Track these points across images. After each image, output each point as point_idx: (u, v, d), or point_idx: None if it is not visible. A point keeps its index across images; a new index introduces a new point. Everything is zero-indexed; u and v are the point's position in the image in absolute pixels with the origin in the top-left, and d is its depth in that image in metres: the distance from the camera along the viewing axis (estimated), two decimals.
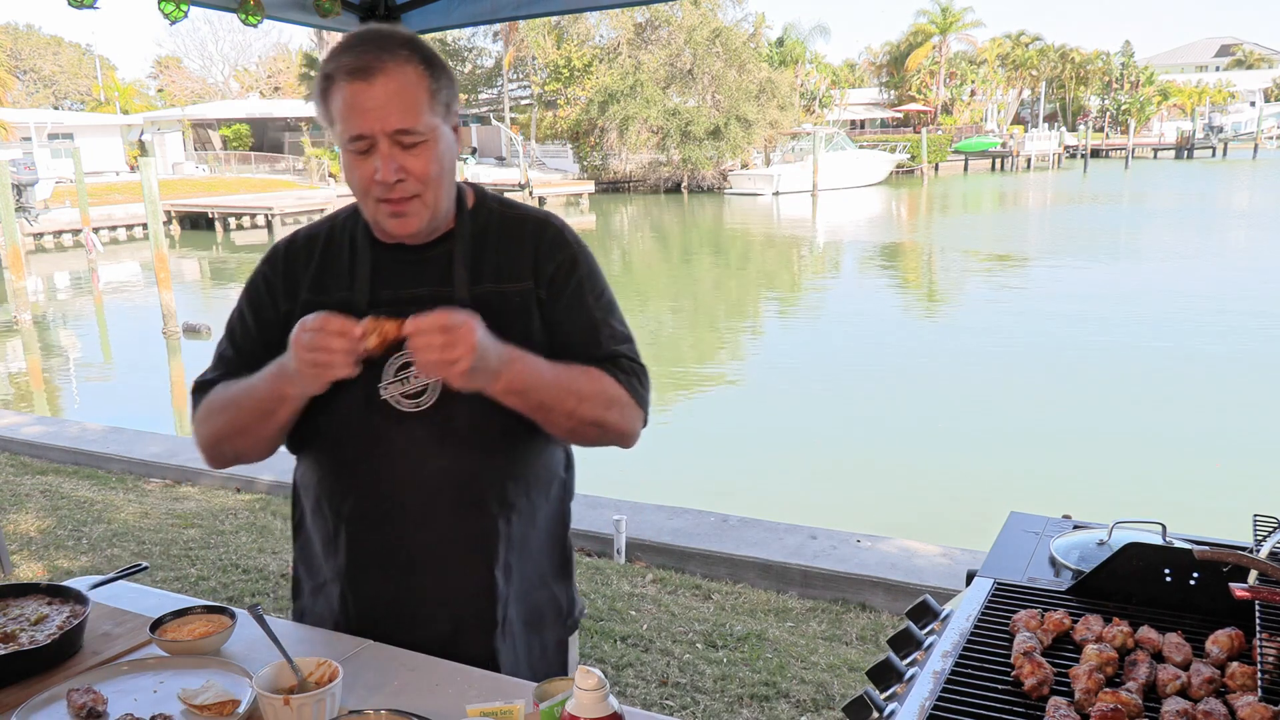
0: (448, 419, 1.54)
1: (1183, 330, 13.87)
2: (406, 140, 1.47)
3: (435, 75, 1.50)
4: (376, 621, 1.62)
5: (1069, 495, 7.21)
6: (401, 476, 1.56)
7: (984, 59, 64.01)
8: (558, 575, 1.75)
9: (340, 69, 1.46)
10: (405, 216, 1.53)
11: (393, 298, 1.57)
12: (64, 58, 65.88)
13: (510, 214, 1.67)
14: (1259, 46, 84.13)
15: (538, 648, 1.71)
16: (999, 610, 1.62)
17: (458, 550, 1.58)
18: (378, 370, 1.55)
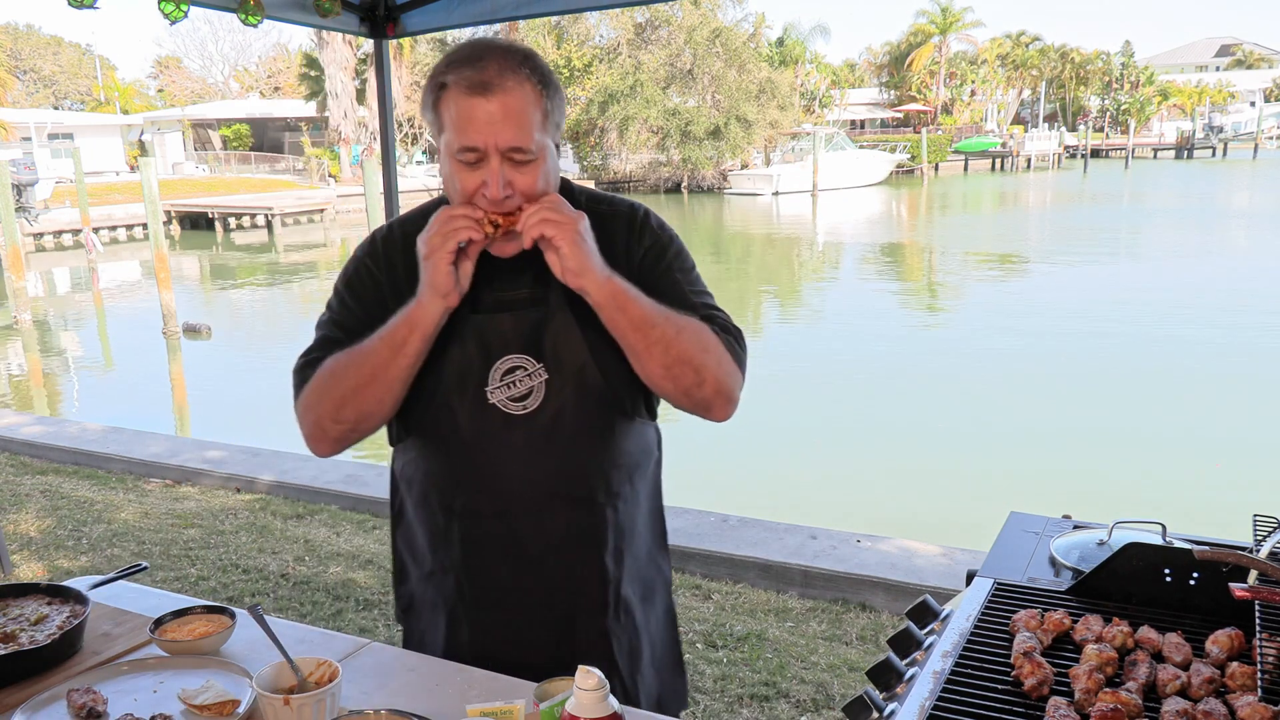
0: (553, 420, 1.57)
1: (1183, 330, 13.87)
2: (517, 158, 1.47)
3: (550, 94, 1.51)
4: (494, 606, 1.65)
5: (1069, 495, 7.20)
6: (511, 476, 1.58)
7: (984, 59, 64.01)
8: (660, 547, 1.80)
9: (461, 81, 1.46)
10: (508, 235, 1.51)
11: (493, 302, 1.58)
12: (64, 58, 65.89)
13: (601, 209, 1.66)
14: (1259, 46, 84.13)
15: (652, 618, 1.77)
16: (999, 610, 1.62)
17: (569, 543, 1.62)
18: (484, 374, 1.57)
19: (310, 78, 41.76)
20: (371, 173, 15.08)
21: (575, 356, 1.57)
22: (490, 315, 1.57)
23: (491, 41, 1.52)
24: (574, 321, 1.56)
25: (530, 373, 1.57)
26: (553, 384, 1.56)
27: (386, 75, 3.18)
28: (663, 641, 1.81)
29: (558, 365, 1.57)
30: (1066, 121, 68.21)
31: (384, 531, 5.44)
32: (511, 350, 1.56)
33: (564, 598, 1.64)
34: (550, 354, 1.57)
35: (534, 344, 1.57)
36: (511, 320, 1.57)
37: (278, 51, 69.13)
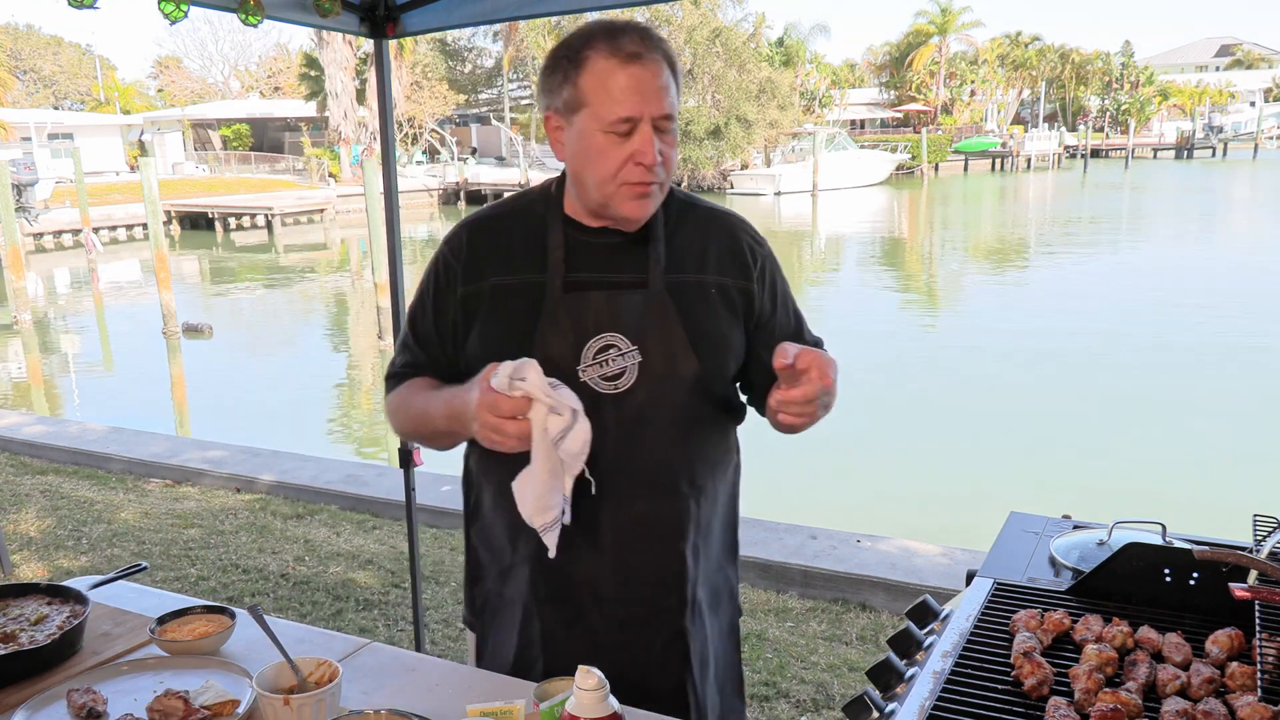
0: (645, 402, 1.55)
1: (1182, 330, 13.87)
2: (665, 126, 1.50)
3: (677, 74, 1.54)
4: (571, 600, 1.61)
5: (1069, 495, 7.20)
6: (597, 458, 1.51)
7: (984, 59, 63.98)
8: (730, 558, 1.77)
9: (610, 50, 1.48)
10: (646, 199, 1.54)
11: (588, 282, 1.58)
12: (64, 58, 65.86)
13: (701, 206, 1.70)
14: (1259, 46, 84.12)
15: (717, 629, 1.72)
16: (999, 610, 1.62)
17: (651, 532, 1.59)
18: (577, 352, 1.55)
19: (310, 78, 41.76)
20: (371, 173, 15.07)
21: (671, 342, 1.56)
22: (583, 294, 1.57)
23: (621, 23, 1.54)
24: (673, 307, 1.57)
25: (624, 353, 1.55)
26: (646, 366, 1.55)
27: (386, 75, 3.17)
28: (725, 659, 1.76)
29: (653, 348, 1.55)
30: (1066, 121, 68.18)
31: (384, 531, 5.44)
32: (605, 329, 1.55)
33: (642, 591, 1.61)
34: (646, 336, 1.56)
35: (630, 325, 1.56)
36: (607, 300, 1.56)
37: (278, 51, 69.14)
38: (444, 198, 39.70)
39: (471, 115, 50.75)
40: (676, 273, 1.60)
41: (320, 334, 17.55)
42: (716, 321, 1.60)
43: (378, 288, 13.55)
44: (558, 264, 1.58)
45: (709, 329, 1.58)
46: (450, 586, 4.64)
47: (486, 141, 49.38)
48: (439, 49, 45.00)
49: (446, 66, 45.52)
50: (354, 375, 13.91)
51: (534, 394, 1.36)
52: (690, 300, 1.58)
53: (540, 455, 1.38)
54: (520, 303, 1.59)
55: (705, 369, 1.58)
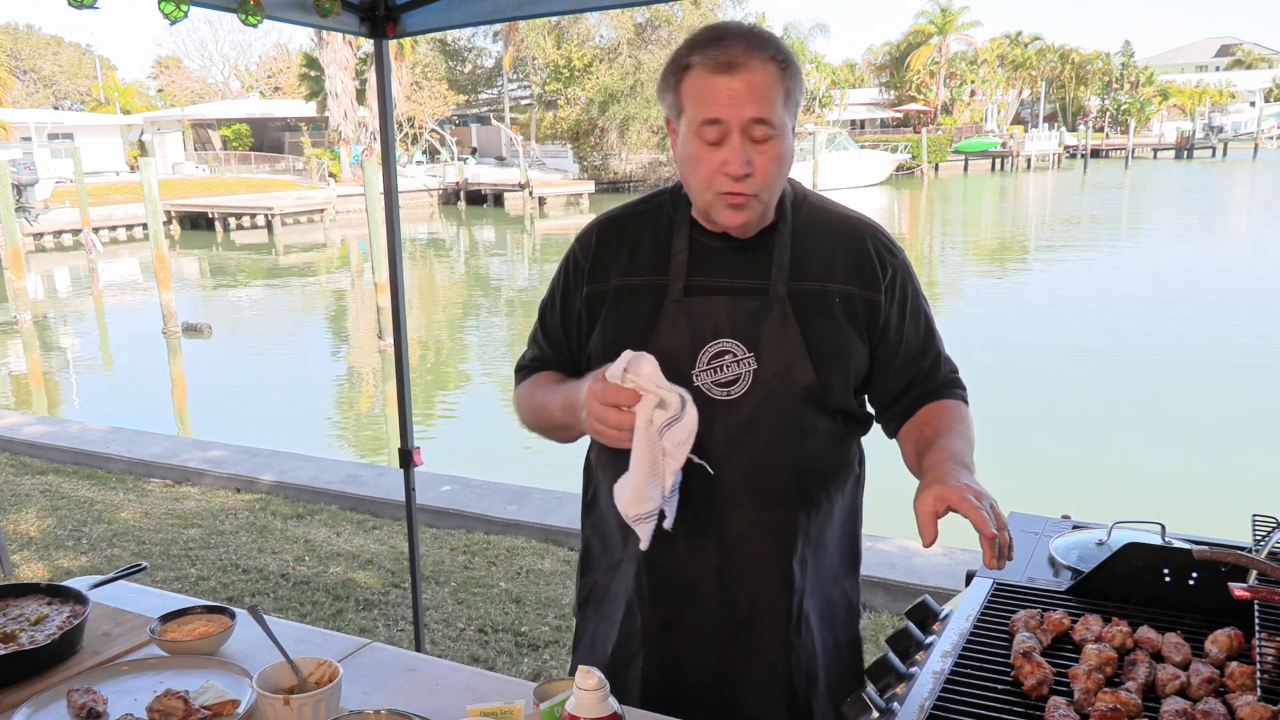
0: (756, 409, 1.55)
1: (1182, 329, 13.87)
2: (758, 133, 1.47)
3: (791, 75, 1.50)
4: (674, 599, 1.61)
5: (1068, 495, 7.20)
6: (717, 459, 1.52)
7: (983, 59, 63.98)
8: (849, 571, 1.74)
9: (706, 60, 1.47)
10: (741, 209, 1.52)
11: (709, 286, 1.58)
12: (64, 58, 65.87)
13: (833, 212, 1.67)
14: (1259, 46, 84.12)
15: (831, 644, 1.70)
16: (998, 610, 1.62)
17: (758, 539, 1.58)
18: (693, 356, 1.55)
19: (310, 78, 41.75)
20: (371, 173, 15.06)
21: (788, 350, 1.54)
22: (704, 299, 1.57)
23: (734, 24, 1.53)
24: (792, 316, 1.55)
25: (739, 359, 1.55)
26: (760, 374, 1.54)
27: (386, 75, 3.17)
28: (843, 673, 1.71)
29: (769, 356, 1.54)
30: (1066, 121, 68.18)
31: (384, 531, 5.44)
32: (723, 334, 1.55)
33: (746, 598, 1.59)
34: (762, 344, 1.55)
35: (747, 331, 1.55)
36: (726, 305, 1.56)
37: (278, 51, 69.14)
38: (444, 198, 39.69)
39: (471, 115, 50.74)
40: (799, 280, 1.58)
41: (320, 334, 17.55)
42: (836, 332, 1.58)
43: (378, 288, 13.54)
44: (680, 266, 1.59)
45: (828, 339, 1.56)
46: (450, 586, 4.64)
47: (486, 141, 49.37)
48: (439, 49, 45.01)
49: (446, 66, 45.53)
50: (354, 375, 13.92)
51: (643, 386, 1.35)
52: (811, 309, 1.56)
53: (641, 447, 1.37)
54: (642, 303, 1.60)
55: (821, 379, 1.56)
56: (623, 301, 1.62)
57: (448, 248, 30.24)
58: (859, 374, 1.63)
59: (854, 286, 1.60)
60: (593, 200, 38.58)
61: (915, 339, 1.66)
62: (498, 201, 38.41)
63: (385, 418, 10.85)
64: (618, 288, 1.62)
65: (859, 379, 1.63)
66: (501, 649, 4.01)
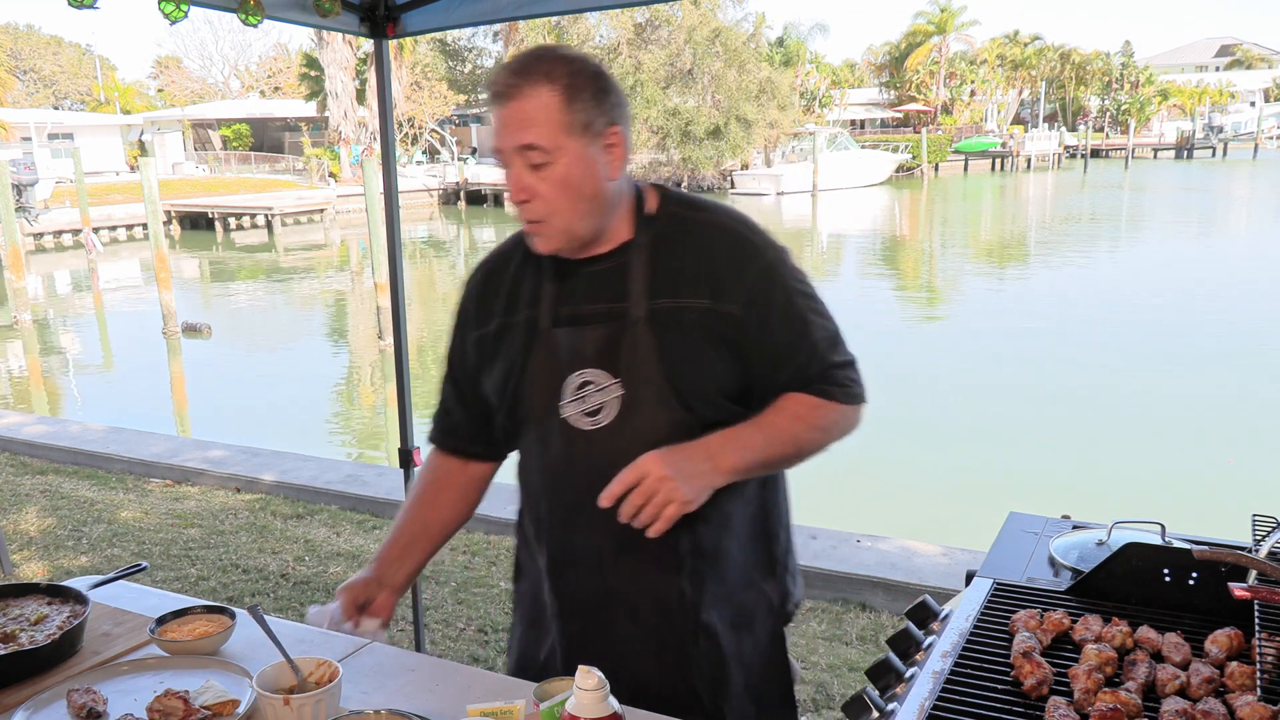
0: (627, 436, 1.54)
1: (1182, 329, 13.87)
2: (533, 159, 1.48)
3: (574, 92, 1.48)
4: (581, 615, 1.65)
5: (1068, 495, 7.20)
6: (585, 490, 1.55)
7: (983, 59, 63.98)
8: (764, 573, 1.72)
9: (488, 91, 1.52)
10: (538, 236, 1.55)
11: (573, 315, 1.59)
12: (64, 58, 65.86)
13: (694, 219, 1.62)
14: (1259, 46, 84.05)
15: (750, 646, 1.70)
16: (998, 610, 1.62)
17: (644, 560, 1.59)
18: (556, 389, 1.58)
19: (310, 78, 41.75)
20: (371, 173, 15.06)
21: (651, 371, 1.54)
22: (568, 329, 1.58)
23: (524, 53, 1.53)
24: (652, 336, 1.54)
25: (603, 387, 1.55)
26: (627, 399, 1.54)
27: (386, 75, 3.17)
28: (765, 670, 1.72)
29: (632, 380, 1.54)
30: (1066, 121, 68.16)
31: (384, 531, 5.43)
32: (586, 364, 1.56)
33: (641, 618, 1.62)
34: (625, 368, 1.55)
35: (608, 358, 1.55)
36: (589, 334, 1.57)
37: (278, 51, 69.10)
38: (444, 198, 39.70)
39: (471, 115, 50.70)
40: (658, 297, 1.55)
41: (320, 334, 17.55)
42: (696, 350, 1.55)
43: (377, 288, 13.54)
44: (550, 298, 1.61)
45: (687, 359, 1.54)
46: (450, 586, 4.64)
47: (487, 141, 49.36)
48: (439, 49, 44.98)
49: (446, 66, 45.49)
50: (354, 375, 13.92)
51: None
52: (670, 329, 1.54)
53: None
54: (517, 341, 1.62)
55: (684, 400, 1.54)
56: (504, 342, 1.65)
57: (448, 248, 30.25)
58: (729, 386, 1.58)
59: (710, 301, 1.55)
60: None
61: (788, 339, 1.59)
62: (498, 201, 38.39)
63: (385, 418, 10.85)
64: (499, 328, 1.66)
65: (732, 390, 1.59)
66: (501, 649, 4.01)
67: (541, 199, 1.50)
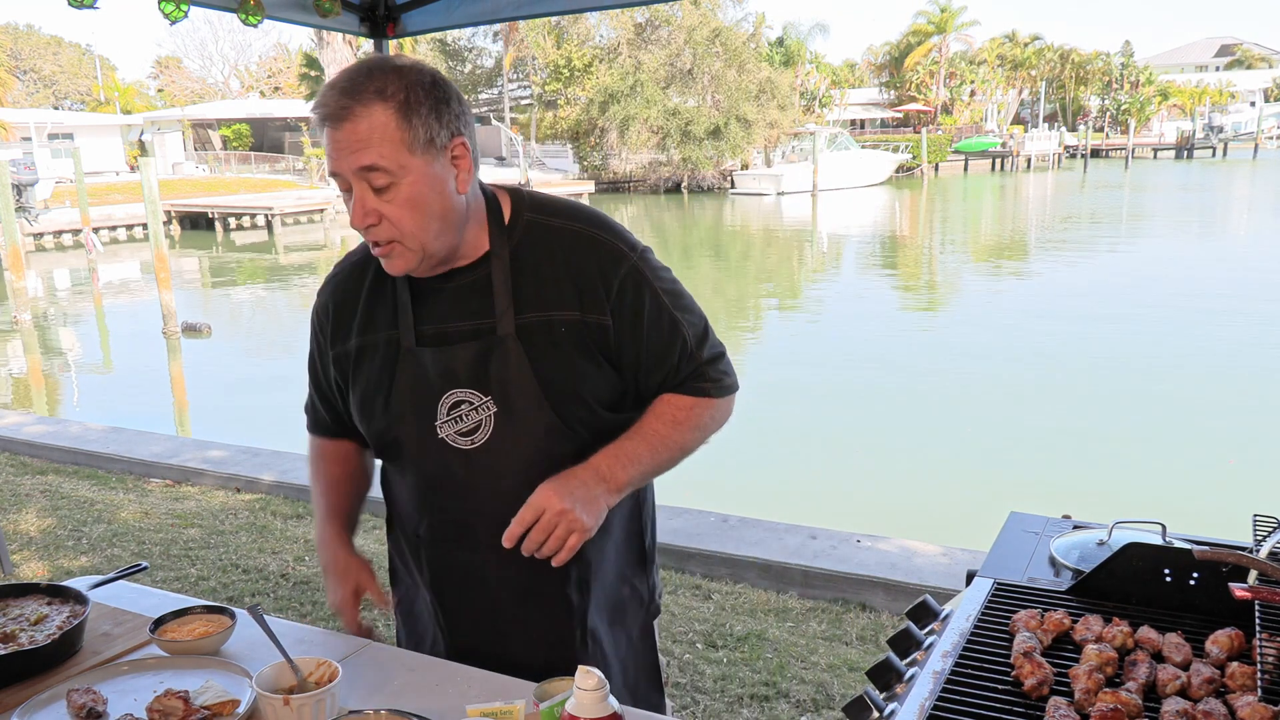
0: (502, 454, 1.54)
1: (1183, 330, 13.87)
2: (375, 181, 1.42)
3: (409, 109, 1.41)
4: (467, 631, 1.66)
5: (1069, 495, 7.20)
6: (468, 506, 1.57)
7: (983, 59, 63.99)
8: (636, 568, 1.75)
9: (318, 113, 1.43)
10: (391, 259, 1.49)
11: (437, 334, 1.55)
12: (64, 58, 65.89)
13: (554, 226, 1.57)
14: (1259, 46, 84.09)
15: (624, 640, 1.72)
16: (999, 610, 1.62)
17: (530, 574, 1.57)
18: (431, 409, 1.55)
19: (310, 78, 41.81)
20: None
21: (523, 388, 1.51)
22: (436, 349, 1.54)
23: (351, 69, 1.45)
24: (523, 352, 1.51)
25: (477, 406, 1.53)
26: (501, 417, 1.52)
27: None
28: (635, 661, 1.76)
29: (505, 398, 1.52)
30: (1066, 121, 68.17)
31: (384, 532, 5.43)
32: (458, 384, 1.53)
33: (529, 633, 1.63)
34: (497, 387, 1.52)
35: (480, 377, 1.52)
36: (457, 352, 1.53)
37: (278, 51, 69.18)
38: None
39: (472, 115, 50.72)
40: (525, 312, 1.53)
41: None
42: (568, 363, 1.53)
43: None
44: (407, 316, 1.56)
45: (560, 373, 1.52)
46: None
47: (486, 141, 49.33)
48: (439, 49, 45.01)
49: (446, 66, 45.51)
50: None
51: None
52: (540, 343, 1.51)
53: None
54: (379, 361, 1.58)
55: (560, 415, 1.52)
56: (363, 360, 1.61)
57: None
58: (605, 396, 1.57)
59: (578, 312, 1.53)
60: (592, 200, 38.55)
61: (659, 341, 1.58)
62: None
63: None
64: (359, 347, 1.61)
65: (606, 399, 1.57)
66: None
67: (389, 221, 1.44)
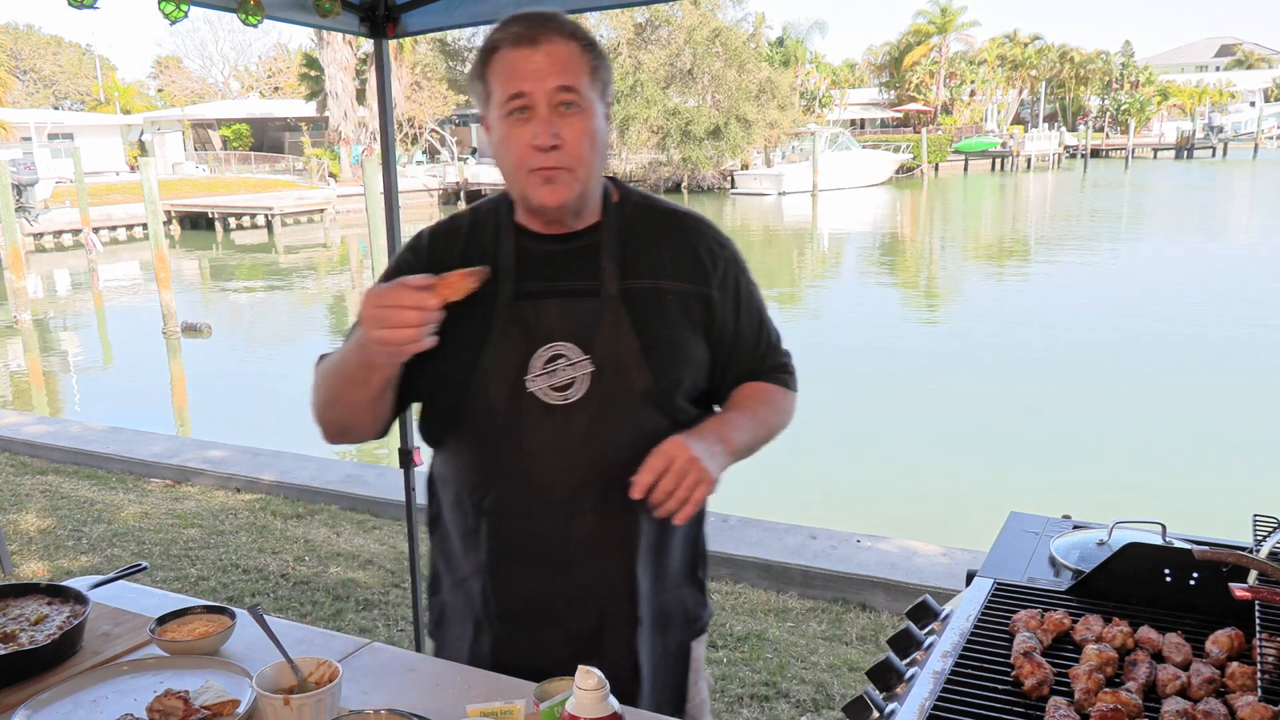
0: (595, 414, 1.51)
1: (1183, 330, 13.87)
2: (565, 99, 1.45)
3: (595, 55, 1.50)
4: (518, 615, 1.59)
5: (1069, 495, 7.20)
6: (546, 470, 1.52)
7: (983, 59, 63.98)
8: (689, 577, 1.72)
9: (506, 38, 1.47)
10: (555, 184, 1.48)
11: (540, 290, 1.55)
12: (64, 58, 65.87)
13: (658, 209, 1.65)
14: (1259, 46, 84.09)
15: (660, 649, 1.67)
16: (999, 610, 1.62)
17: (602, 545, 1.55)
18: (525, 361, 1.52)
19: (310, 78, 41.76)
20: (371, 173, 15.09)
21: (624, 351, 1.51)
22: (535, 301, 1.54)
23: (539, 10, 1.52)
24: (626, 316, 1.52)
25: (574, 362, 1.51)
26: (597, 376, 1.50)
27: (386, 75, 3.17)
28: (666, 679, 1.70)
29: (604, 357, 1.51)
30: (1066, 121, 68.16)
31: (384, 531, 5.44)
32: (555, 338, 1.52)
33: (593, 608, 1.58)
34: (598, 346, 1.51)
35: (581, 334, 1.51)
36: (558, 308, 1.53)
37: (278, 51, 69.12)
38: (444, 198, 39.72)
39: (471, 115, 50.66)
40: (631, 279, 1.55)
41: (320, 334, 17.54)
42: (673, 331, 1.55)
43: None
44: (509, 271, 1.56)
45: (665, 339, 1.53)
46: None
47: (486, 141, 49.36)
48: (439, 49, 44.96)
49: (446, 66, 45.48)
50: None
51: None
52: (646, 308, 1.53)
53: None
54: (473, 312, 1.55)
55: (658, 381, 1.52)
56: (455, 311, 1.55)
57: None
58: (698, 373, 1.59)
59: (688, 283, 1.57)
60: None
61: (750, 331, 1.65)
62: None
63: None
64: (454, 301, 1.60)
65: (699, 378, 1.60)
66: None
67: (569, 145, 1.46)
